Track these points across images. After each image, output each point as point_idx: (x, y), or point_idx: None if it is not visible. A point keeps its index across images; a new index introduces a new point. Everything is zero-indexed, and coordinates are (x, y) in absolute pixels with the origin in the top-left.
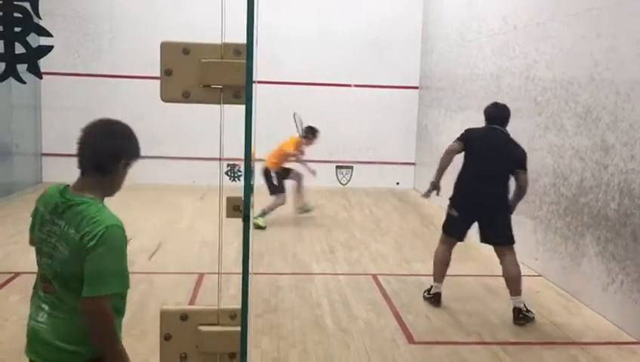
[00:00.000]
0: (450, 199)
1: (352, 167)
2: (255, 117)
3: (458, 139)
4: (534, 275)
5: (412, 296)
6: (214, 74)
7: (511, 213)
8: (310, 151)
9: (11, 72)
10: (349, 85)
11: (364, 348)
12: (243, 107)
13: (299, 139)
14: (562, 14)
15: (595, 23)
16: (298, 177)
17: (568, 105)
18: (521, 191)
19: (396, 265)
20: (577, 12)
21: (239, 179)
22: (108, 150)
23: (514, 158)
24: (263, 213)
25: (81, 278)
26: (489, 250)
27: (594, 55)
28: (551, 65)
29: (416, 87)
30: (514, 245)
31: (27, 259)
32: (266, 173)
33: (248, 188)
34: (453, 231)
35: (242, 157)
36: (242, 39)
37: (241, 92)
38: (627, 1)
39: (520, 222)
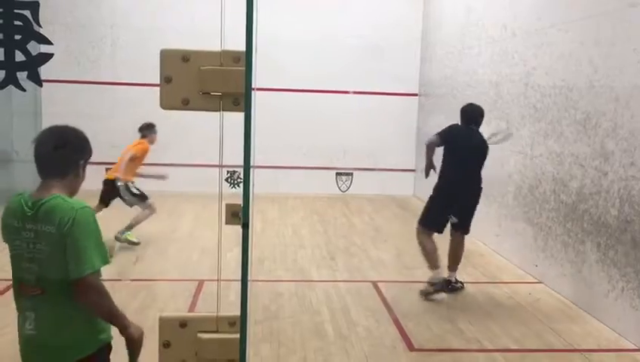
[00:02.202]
0: (433, 196)
1: (351, 174)
2: (255, 124)
3: (438, 133)
4: (535, 282)
5: (412, 304)
6: (213, 81)
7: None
8: (310, 158)
9: (11, 80)
10: (348, 92)
11: (364, 356)
12: (242, 114)
13: (143, 141)
14: (561, 21)
15: (594, 30)
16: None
17: (568, 111)
18: None
19: (396, 272)
20: (576, 19)
21: (239, 186)
22: (65, 156)
23: (485, 156)
24: (130, 227)
25: (66, 268)
26: (490, 258)
27: (593, 62)
28: (550, 72)
29: (415, 94)
30: None
31: None
32: (117, 187)
33: (248, 195)
34: (435, 225)
35: (242, 163)
36: (242, 46)
37: (240, 99)
38: (626, 8)
39: (520, 229)
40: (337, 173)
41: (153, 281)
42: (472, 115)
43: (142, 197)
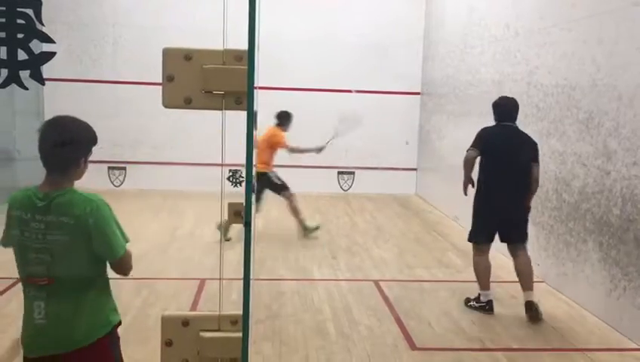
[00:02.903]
0: (474, 208)
1: (353, 173)
2: (257, 123)
3: (473, 145)
4: (536, 281)
5: (414, 302)
6: (216, 80)
7: (529, 210)
8: (312, 156)
9: (14, 79)
10: (350, 91)
11: (365, 355)
12: (244, 113)
13: (277, 129)
14: (564, 20)
15: (597, 28)
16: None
17: (570, 111)
18: (535, 186)
19: (398, 271)
20: (579, 18)
21: (241, 185)
22: (68, 153)
23: (529, 154)
24: (301, 222)
25: (86, 255)
26: (492, 257)
27: (596, 61)
28: (553, 71)
29: (418, 93)
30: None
31: None
32: (268, 178)
33: (250, 194)
34: (484, 238)
35: (244, 162)
36: (244, 45)
37: (242, 98)
38: (629, 7)
39: None
40: (339, 172)
41: (155, 280)
42: (505, 108)
43: (284, 187)
